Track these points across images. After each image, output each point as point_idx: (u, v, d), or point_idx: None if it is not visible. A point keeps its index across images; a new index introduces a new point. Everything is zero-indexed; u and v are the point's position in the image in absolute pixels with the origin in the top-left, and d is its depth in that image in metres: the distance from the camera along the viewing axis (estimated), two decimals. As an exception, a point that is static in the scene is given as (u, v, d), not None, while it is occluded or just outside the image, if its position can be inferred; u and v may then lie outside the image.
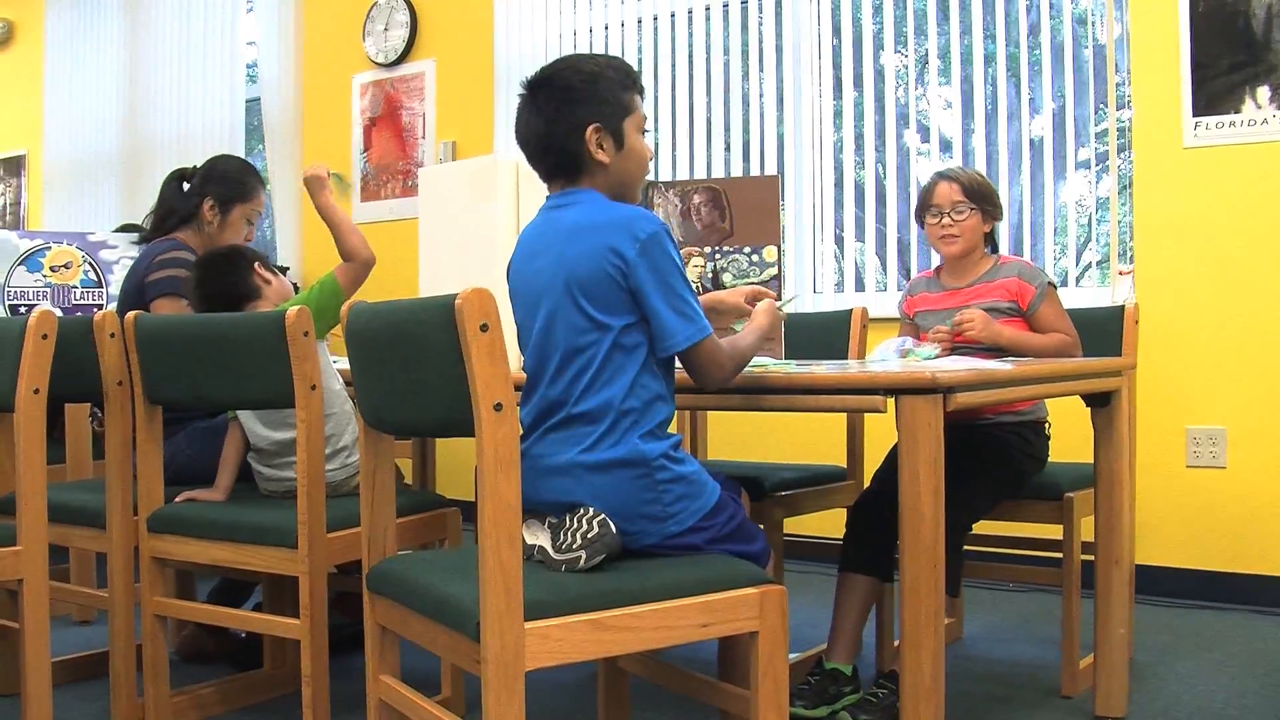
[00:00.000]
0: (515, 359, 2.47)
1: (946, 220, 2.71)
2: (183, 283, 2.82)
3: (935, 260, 2.88)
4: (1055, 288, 2.69)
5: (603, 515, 1.73)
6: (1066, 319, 2.66)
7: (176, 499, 2.47)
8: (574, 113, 1.88)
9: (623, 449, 1.78)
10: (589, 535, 1.71)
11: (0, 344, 2.28)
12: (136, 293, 2.92)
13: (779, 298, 2.33)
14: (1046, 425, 2.69)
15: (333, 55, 5.62)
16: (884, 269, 4.32)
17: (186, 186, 3.11)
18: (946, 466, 1.90)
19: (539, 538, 1.77)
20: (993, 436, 2.60)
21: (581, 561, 1.70)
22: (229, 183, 3.06)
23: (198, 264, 2.64)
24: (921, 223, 2.79)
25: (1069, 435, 2.86)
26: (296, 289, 3.33)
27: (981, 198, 2.71)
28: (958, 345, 2.63)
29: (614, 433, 1.79)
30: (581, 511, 1.74)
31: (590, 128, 1.88)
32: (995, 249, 2.83)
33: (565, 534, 1.73)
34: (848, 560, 2.44)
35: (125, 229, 4.40)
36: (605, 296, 1.80)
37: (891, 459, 2.43)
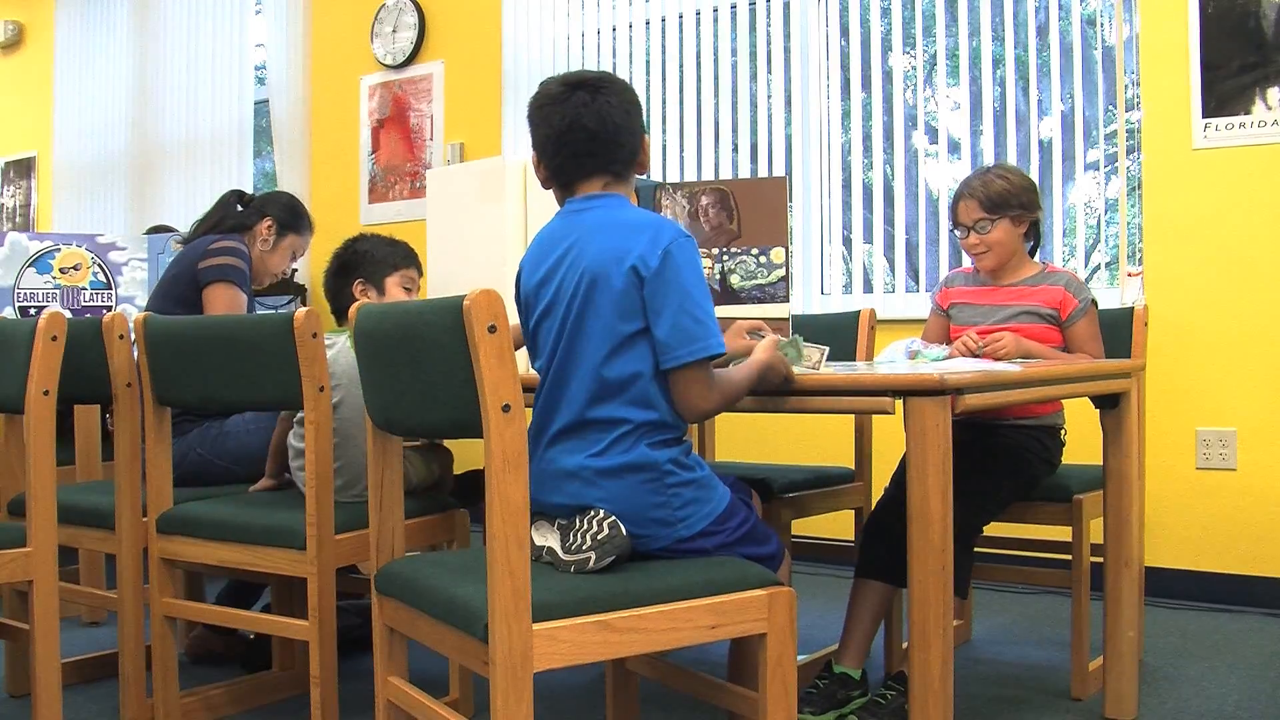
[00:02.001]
0: (523, 359, 2.47)
1: (973, 238, 2.68)
2: (233, 270, 2.93)
3: (966, 260, 2.86)
4: (1097, 305, 2.67)
5: (613, 517, 1.73)
6: (1099, 341, 2.64)
7: (251, 489, 2.60)
8: (639, 118, 1.95)
9: (632, 455, 1.78)
10: (599, 536, 1.71)
11: (10, 346, 2.29)
12: (188, 278, 2.96)
13: (789, 331, 2.22)
14: (1062, 431, 2.68)
15: (341, 57, 5.63)
16: (892, 270, 4.31)
17: (240, 209, 3.21)
18: (958, 468, 1.90)
19: (548, 539, 1.77)
20: (1007, 439, 2.59)
21: (591, 562, 1.70)
22: (290, 213, 3.21)
23: (329, 263, 2.69)
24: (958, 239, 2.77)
25: (1079, 437, 2.85)
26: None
27: (1001, 206, 2.65)
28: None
29: (624, 440, 1.79)
30: (592, 513, 1.74)
31: (645, 136, 1.96)
32: (1038, 243, 2.78)
33: (575, 535, 1.73)
34: (863, 565, 2.43)
35: (157, 230, 4.43)
36: (625, 299, 1.79)
37: (905, 463, 2.42)
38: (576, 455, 1.80)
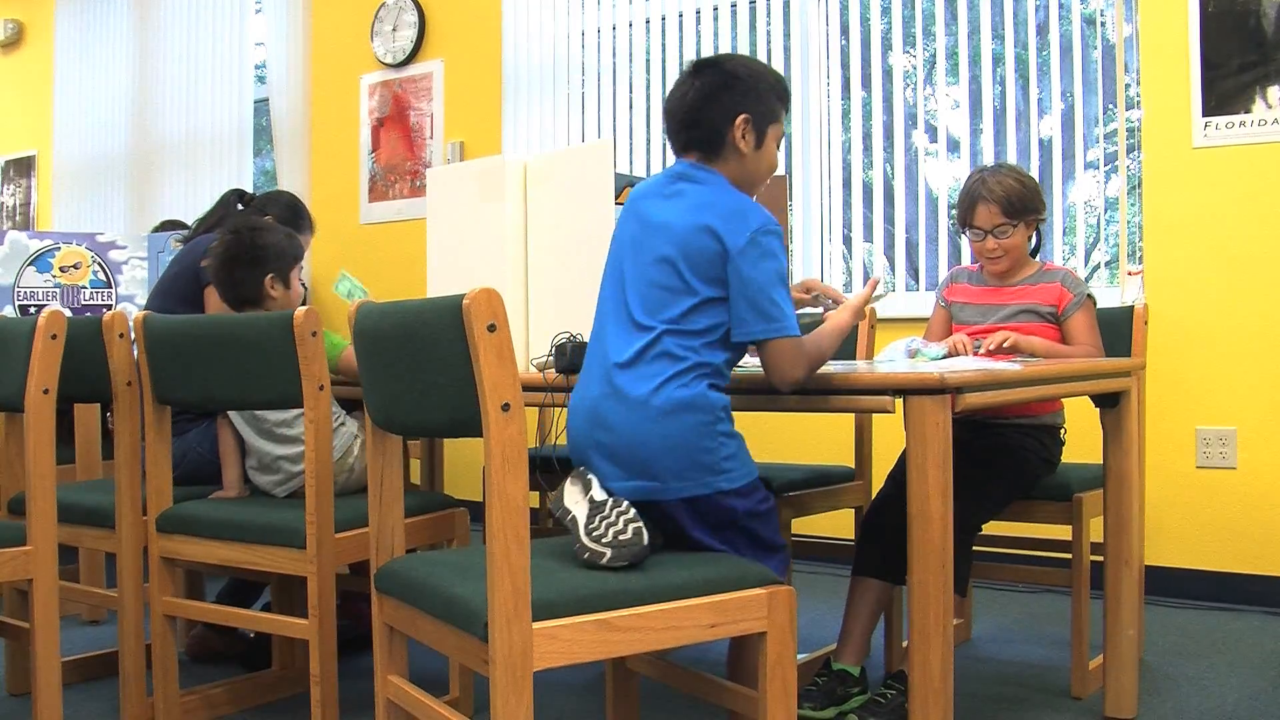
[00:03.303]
0: (523, 358, 2.47)
1: (990, 243, 2.67)
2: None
3: (967, 258, 2.86)
4: (1094, 301, 2.67)
5: (640, 522, 1.73)
6: (1097, 333, 2.64)
7: (211, 496, 2.55)
8: (732, 98, 1.97)
9: (691, 391, 1.84)
10: (621, 537, 1.70)
11: (10, 344, 2.29)
12: (190, 276, 2.96)
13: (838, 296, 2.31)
14: (1062, 430, 2.68)
15: (341, 56, 5.63)
16: (892, 269, 4.31)
17: (242, 208, 3.22)
18: (958, 467, 1.90)
19: (577, 506, 1.77)
20: (1006, 438, 2.59)
21: (604, 559, 1.69)
22: (291, 212, 3.22)
23: (223, 248, 2.62)
24: (963, 231, 2.77)
25: (1079, 436, 2.85)
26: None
27: (1021, 210, 2.64)
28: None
29: (686, 375, 1.85)
30: (623, 507, 1.74)
31: (741, 116, 1.97)
32: (1039, 243, 2.78)
33: (600, 521, 1.72)
34: (860, 564, 2.44)
35: (166, 226, 4.43)
36: (705, 269, 1.87)
37: (903, 462, 2.42)
38: (641, 385, 1.84)
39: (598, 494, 1.79)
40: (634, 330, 1.89)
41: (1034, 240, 2.76)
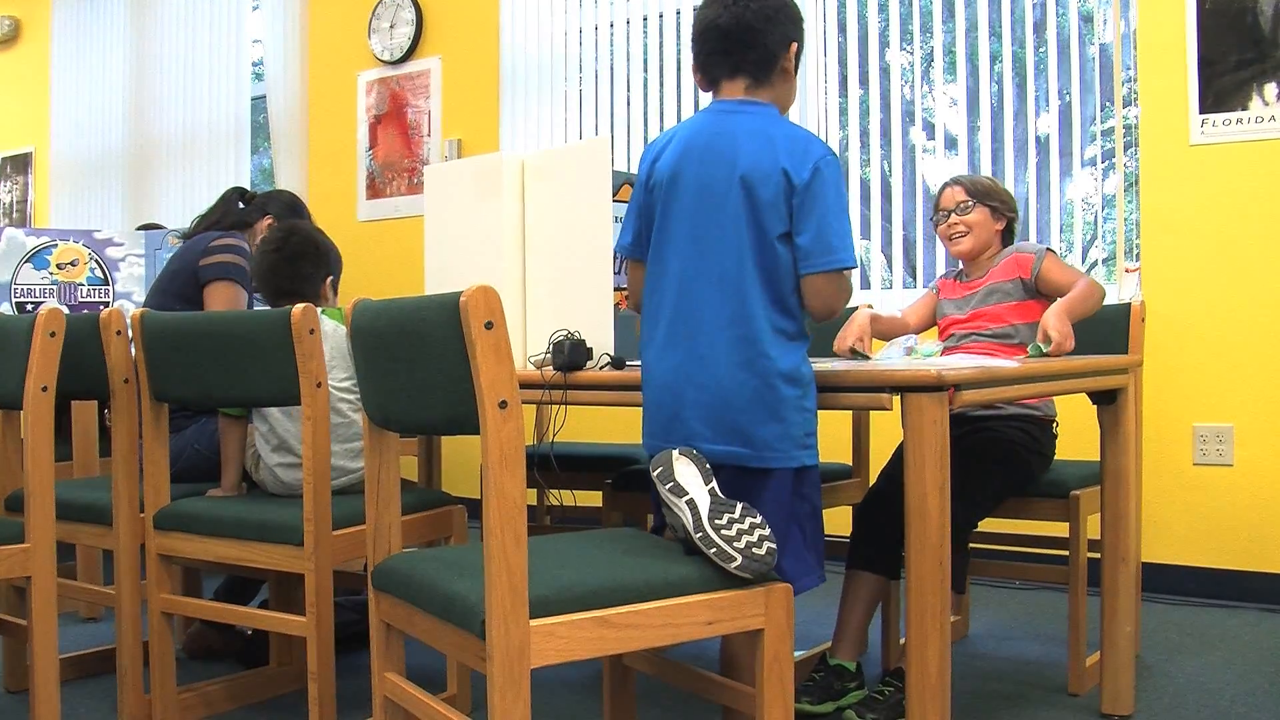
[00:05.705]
0: (520, 356, 2.47)
1: (953, 219, 2.79)
2: (235, 269, 2.93)
3: (960, 263, 2.92)
4: (1054, 251, 2.72)
5: (775, 545, 1.71)
6: (1073, 270, 2.68)
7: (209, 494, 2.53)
8: (786, 25, 2.01)
9: (788, 363, 1.88)
10: (755, 550, 1.67)
11: (8, 342, 2.29)
12: (188, 274, 2.96)
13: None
14: (1054, 424, 2.69)
15: (338, 53, 5.62)
16: (889, 267, 4.31)
17: (242, 206, 3.22)
18: (953, 464, 1.90)
19: (697, 491, 1.73)
20: (995, 432, 2.60)
21: (733, 564, 1.67)
22: (291, 211, 3.24)
23: (289, 243, 2.61)
24: (937, 229, 2.88)
25: (1076, 433, 2.85)
26: None
27: (985, 194, 2.79)
28: (972, 333, 2.71)
29: (781, 342, 1.89)
30: (757, 519, 1.71)
31: (794, 43, 2.01)
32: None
33: (729, 521, 1.69)
34: (854, 558, 2.45)
35: (146, 228, 4.43)
36: (775, 204, 1.89)
37: (898, 456, 2.43)
38: (739, 350, 1.88)
39: (718, 488, 1.77)
40: (722, 288, 1.90)
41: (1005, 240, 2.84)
